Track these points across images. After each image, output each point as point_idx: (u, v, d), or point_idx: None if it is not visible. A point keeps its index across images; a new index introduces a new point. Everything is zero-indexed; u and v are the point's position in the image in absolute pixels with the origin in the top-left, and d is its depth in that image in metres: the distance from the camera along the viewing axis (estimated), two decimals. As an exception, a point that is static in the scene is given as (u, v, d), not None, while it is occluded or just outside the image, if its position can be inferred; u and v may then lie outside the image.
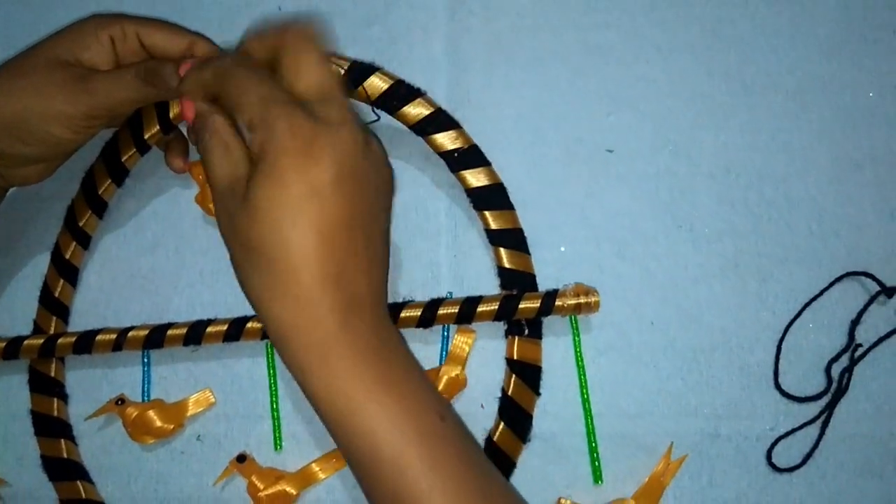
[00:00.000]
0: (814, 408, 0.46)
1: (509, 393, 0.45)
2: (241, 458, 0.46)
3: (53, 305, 0.48)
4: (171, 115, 0.46)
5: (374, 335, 0.35)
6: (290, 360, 0.35)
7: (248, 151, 0.36)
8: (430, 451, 0.34)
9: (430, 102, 0.47)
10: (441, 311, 0.45)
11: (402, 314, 0.45)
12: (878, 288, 0.46)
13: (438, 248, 0.49)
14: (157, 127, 0.46)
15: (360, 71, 0.46)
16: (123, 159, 0.47)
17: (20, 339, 0.47)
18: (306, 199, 0.33)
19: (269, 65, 0.38)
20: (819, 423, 0.46)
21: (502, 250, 0.46)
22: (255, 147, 0.35)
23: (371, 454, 0.34)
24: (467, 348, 0.46)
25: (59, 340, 0.47)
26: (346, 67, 0.45)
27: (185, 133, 0.48)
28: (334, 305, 0.34)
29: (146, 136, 0.46)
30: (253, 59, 0.38)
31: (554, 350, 0.47)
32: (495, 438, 0.45)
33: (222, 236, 0.37)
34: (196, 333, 0.46)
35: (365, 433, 0.34)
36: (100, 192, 0.48)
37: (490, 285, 0.47)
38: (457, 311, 0.45)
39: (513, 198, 0.47)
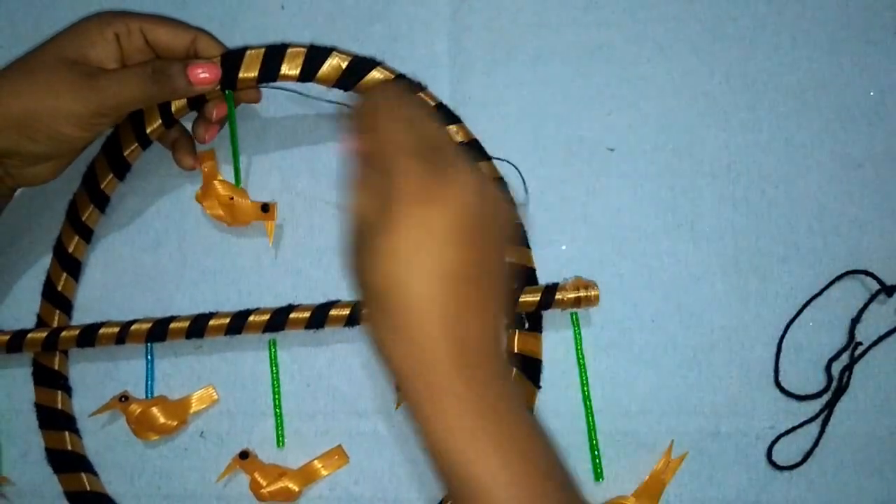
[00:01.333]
0: (814, 406, 0.46)
1: (510, 389, 0.46)
2: (244, 455, 0.46)
3: (56, 299, 0.49)
4: (173, 109, 0.46)
5: (488, 385, 0.34)
6: (408, 406, 0.35)
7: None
8: (531, 494, 0.33)
9: (431, 97, 0.47)
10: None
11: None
12: (878, 286, 0.46)
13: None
14: (159, 121, 0.46)
15: (362, 65, 0.46)
16: (125, 153, 0.48)
17: (24, 332, 0.47)
18: (422, 246, 0.33)
19: None
20: (819, 421, 0.46)
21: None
22: (382, 192, 0.35)
23: (475, 497, 0.33)
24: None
25: (63, 333, 0.47)
26: (347, 62, 0.45)
27: (189, 130, 0.48)
28: (447, 350, 0.33)
29: (148, 131, 0.47)
30: (395, 100, 0.37)
31: (555, 348, 0.47)
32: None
33: (353, 279, 0.36)
34: (199, 326, 0.46)
35: (467, 485, 0.33)
36: (102, 187, 0.48)
37: (492, 283, 0.47)
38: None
39: (511, 193, 0.47)
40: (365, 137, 0.36)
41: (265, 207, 0.48)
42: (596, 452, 0.46)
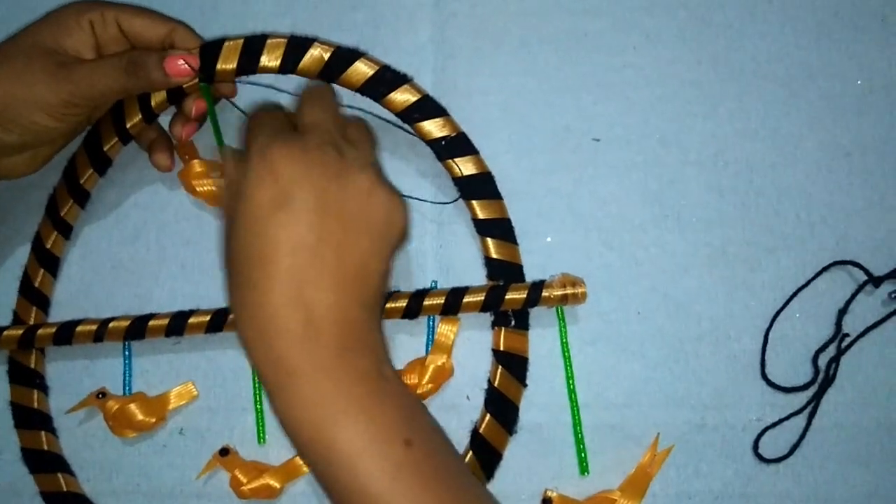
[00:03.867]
0: (801, 398, 0.46)
1: (496, 384, 0.45)
2: (224, 452, 0.46)
3: (33, 296, 0.48)
4: (153, 103, 0.45)
5: (335, 361, 0.34)
6: (260, 379, 0.35)
7: None
8: (392, 481, 0.33)
9: (417, 88, 0.46)
10: (427, 302, 0.45)
11: (388, 305, 0.45)
12: (865, 277, 0.46)
13: (424, 238, 0.48)
14: (140, 116, 0.46)
15: (345, 56, 0.45)
16: (105, 149, 0.47)
17: (-1, 329, 0.46)
18: (267, 212, 0.34)
19: None
20: (806, 413, 0.45)
21: (489, 240, 0.46)
22: (241, 173, 0.36)
23: (336, 482, 0.33)
24: (452, 336, 0.46)
25: (40, 331, 0.46)
26: (329, 53, 0.45)
27: (167, 130, 0.48)
28: (292, 326, 0.34)
29: (128, 125, 0.46)
30: (276, 104, 0.41)
31: (540, 341, 0.46)
32: (481, 430, 0.45)
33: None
34: (178, 324, 0.45)
35: (326, 462, 0.33)
36: (82, 182, 0.47)
37: (475, 275, 0.47)
38: (443, 302, 0.45)
39: (499, 187, 0.46)
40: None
41: None
42: (581, 446, 0.45)
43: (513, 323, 0.46)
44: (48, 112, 0.42)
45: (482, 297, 0.44)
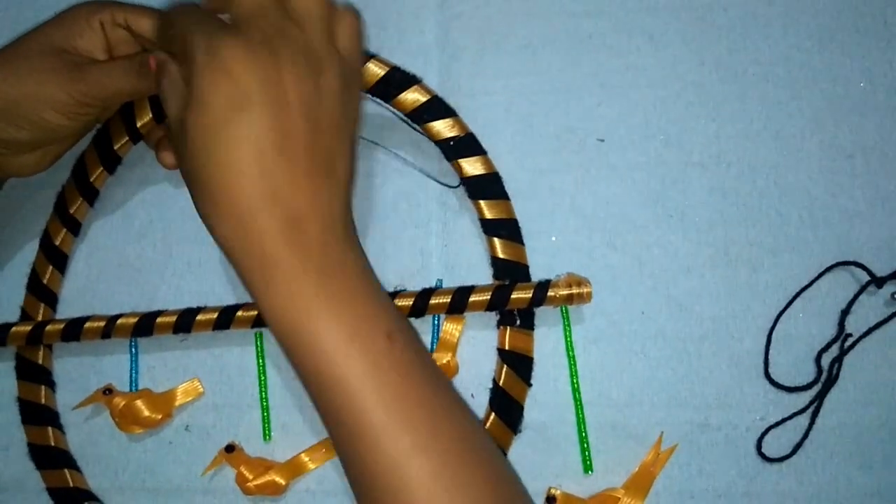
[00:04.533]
0: (804, 397, 0.46)
1: (501, 383, 0.45)
2: (230, 448, 0.46)
3: (41, 292, 0.48)
4: None
5: (318, 254, 0.34)
6: (242, 279, 0.35)
7: None
8: (374, 372, 0.33)
9: (426, 89, 0.46)
10: (433, 301, 0.45)
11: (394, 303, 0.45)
12: (868, 278, 0.46)
13: (429, 237, 0.48)
14: (150, 115, 0.46)
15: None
16: (116, 147, 0.47)
17: (7, 325, 0.47)
18: (229, 114, 0.33)
19: None
20: (809, 412, 0.46)
21: (496, 240, 0.46)
22: (184, 77, 0.34)
23: (317, 374, 0.33)
24: (457, 334, 0.46)
25: (48, 327, 0.46)
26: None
27: None
28: (271, 222, 0.33)
29: (139, 125, 0.46)
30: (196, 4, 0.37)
31: (545, 340, 0.47)
32: (486, 428, 0.45)
33: (181, 174, 0.36)
34: (185, 322, 0.46)
35: (309, 353, 0.33)
36: (91, 180, 0.48)
37: (480, 274, 0.47)
38: (449, 300, 0.45)
39: (504, 187, 0.47)
40: (167, 33, 0.36)
41: None
42: (585, 445, 0.46)
43: (518, 322, 0.46)
44: (60, 111, 0.42)
45: (488, 297, 0.45)
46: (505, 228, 0.46)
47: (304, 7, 0.35)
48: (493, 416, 0.45)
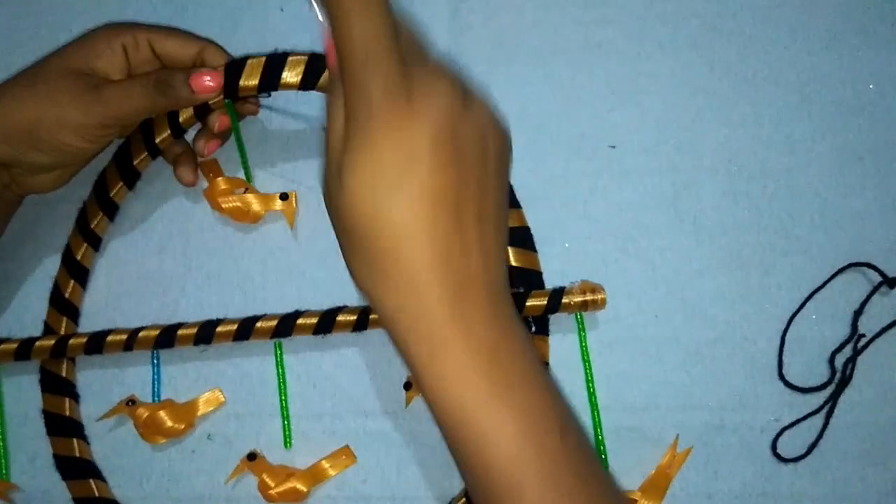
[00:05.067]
0: (818, 398, 0.46)
1: (516, 388, 0.46)
2: (252, 457, 0.47)
3: (64, 306, 0.49)
4: (181, 119, 0.46)
5: (490, 327, 0.31)
6: (400, 350, 0.32)
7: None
8: (548, 474, 0.30)
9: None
10: (448, 308, 0.45)
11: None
12: (880, 279, 0.46)
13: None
14: (168, 131, 0.47)
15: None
16: (135, 163, 0.48)
17: (32, 340, 0.47)
18: (403, 171, 0.29)
19: None
20: (823, 413, 0.46)
21: (510, 248, 0.46)
22: (347, 112, 0.30)
23: (484, 467, 0.31)
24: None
25: (71, 341, 0.47)
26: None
27: (192, 146, 0.49)
28: (443, 291, 0.30)
29: (157, 140, 0.47)
30: None
31: (560, 345, 0.47)
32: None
33: (331, 222, 0.33)
34: (206, 333, 0.46)
35: (478, 444, 0.30)
36: (111, 195, 0.48)
37: (496, 281, 0.48)
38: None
39: (516, 195, 0.47)
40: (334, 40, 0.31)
41: (284, 196, 0.49)
42: (602, 448, 0.46)
43: (533, 329, 0.46)
44: (79, 133, 0.42)
45: (502, 303, 0.45)
46: (518, 237, 0.47)
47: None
48: (510, 421, 0.46)
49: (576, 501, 0.31)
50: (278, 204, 0.49)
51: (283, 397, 0.48)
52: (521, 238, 0.47)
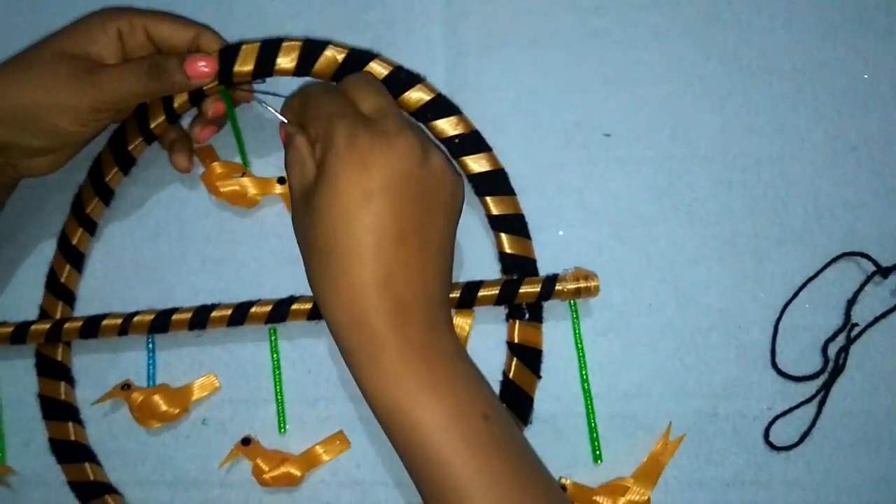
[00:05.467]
0: (811, 387, 0.46)
1: (510, 376, 0.46)
2: (246, 441, 0.47)
3: (60, 291, 0.49)
4: (176, 104, 0.46)
5: (422, 339, 0.36)
6: (345, 356, 0.37)
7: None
8: (473, 453, 0.35)
9: (430, 88, 0.47)
10: (442, 295, 0.46)
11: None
12: (873, 268, 0.47)
13: (438, 233, 0.49)
14: (163, 117, 0.47)
15: (359, 57, 0.46)
16: (130, 148, 0.48)
17: (27, 323, 0.48)
18: (359, 204, 0.36)
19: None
20: (816, 401, 0.46)
21: (503, 235, 0.47)
22: (319, 158, 0.37)
23: (418, 453, 0.36)
24: (467, 328, 0.47)
25: (66, 325, 0.47)
26: (343, 55, 0.46)
27: (187, 132, 0.49)
28: (382, 306, 0.36)
29: (152, 126, 0.47)
30: (333, 85, 0.42)
31: (553, 332, 0.47)
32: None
33: (297, 242, 0.39)
34: (201, 318, 0.47)
35: (411, 434, 0.35)
36: (106, 180, 0.49)
37: (488, 269, 0.48)
38: (458, 295, 0.46)
39: (511, 182, 0.47)
40: (304, 111, 0.39)
41: (282, 179, 0.49)
42: (595, 435, 0.46)
43: (527, 316, 0.46)
44: (73, 117, 0.42)
45: (497, 291, 0.45)
46: (512, 224, 0.47)
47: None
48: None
49: (502, 478, 0.35)
50: (277, 188, 0.49)
51: (277, 382, 0.48)
52: (516, 226, 0.47)
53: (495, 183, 0.47)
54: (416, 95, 0.46)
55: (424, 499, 0.37)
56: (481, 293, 0.45)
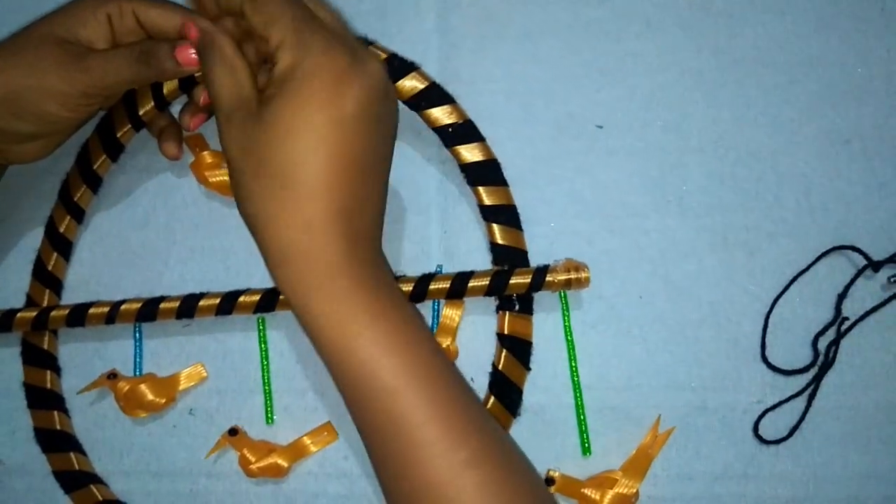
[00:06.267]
0: (800, 380, 0.46)
1: (500, 368, 0.46)
2: (233, 432, 0.47)
3: (46, 278, 0.49)
4: (165, 91, 0.46)
5: (372, 269, 0.36)
6: (291, 284, 0.35)
7: (253, 72, 0.37)
8: (424, 383, 0.35)
9: (424, 76, 0.47)
10: (433, 286, 0.45)
11: (393, 288, 0.45)
12: (864, 262, 0.46)
13: (429, 224, 0.49)
14: (152, 103, 0.46)
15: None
16: (118, 135, 0.48)
17: (13, 311, 0.47)
18: (330, 127, 0.34)
19: None
20: (805, 395, 0.46)
21: (495, 226, 0.46)
22: (283, 66, 0.35)
23: (365, 384, 0.35)
24: (457, 319, 0.47)
25: (53, 313, 0.47)
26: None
27: (177, 119, 0.48)
28: (341, 235, 0.35)
29: (141, 113, 0.46)
30: None
31: (543, 324, 0.47)
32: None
33: (227, 156, 0.36)
34: (188, 307, 0.46)
35: (359, 362, 0.35)
36: (94, 167, 0.48)
37: (480, 260, 0.48)
38: (448, 286, 0.45)
39: (503, 173, 0.47)
40: (256, 7, 0.36)
41: None
42: (584, 427, 0.46)
43: (517, 307, 0.46)
44: (62, 103, 0.42)
45: (487, 282, 0.45)
46: (504, 214, 0.47)
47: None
48: (492, 399, 0.46)
49: (453, 408, 0.35)
50: None
51: (265, 373, 0.48)
52: (507, 216, 0.47)
53: (488, 173, 0.47)
54: (410, 84, 0.46)
55: (366, 434, 0.36)
56: (472, 283, 0.45)
